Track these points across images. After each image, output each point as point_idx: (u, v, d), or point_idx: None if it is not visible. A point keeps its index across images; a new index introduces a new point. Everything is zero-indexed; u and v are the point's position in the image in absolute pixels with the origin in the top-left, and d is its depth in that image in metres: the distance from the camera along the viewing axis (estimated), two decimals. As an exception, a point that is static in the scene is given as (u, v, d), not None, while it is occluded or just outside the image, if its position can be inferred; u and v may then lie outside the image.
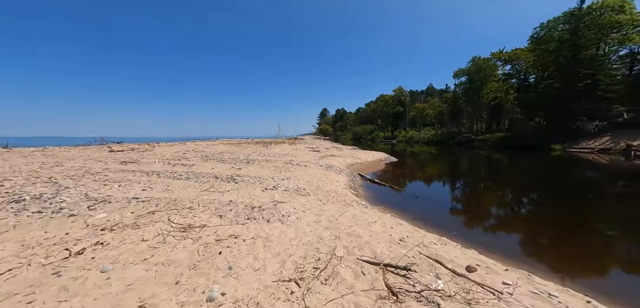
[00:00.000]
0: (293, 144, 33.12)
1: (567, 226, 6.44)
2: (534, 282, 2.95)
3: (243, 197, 5.81)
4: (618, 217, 7.19)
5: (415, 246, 3.50)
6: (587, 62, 25.95)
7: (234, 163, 11.93)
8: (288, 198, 6.38)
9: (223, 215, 4.27)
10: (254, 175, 9.22)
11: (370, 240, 3.65)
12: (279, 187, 7.77)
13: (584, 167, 15.78)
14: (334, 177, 11.28)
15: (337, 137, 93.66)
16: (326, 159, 17.82)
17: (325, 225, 4.34)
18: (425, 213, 7.18)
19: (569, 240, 5.36)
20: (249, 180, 8.01)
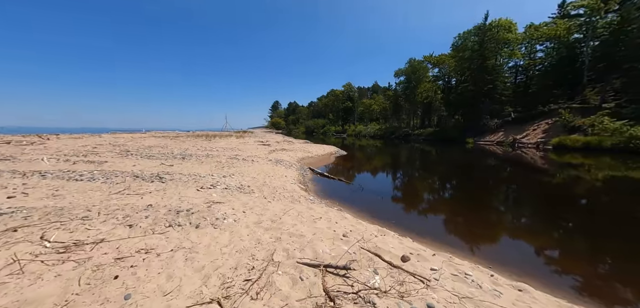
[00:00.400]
0: (241, 137, 30.99)
1: (473, 206, 7.67)
2: (454, 263, 3.20)
3: (169, 199, 4.88)
4: (505, 195, 9.29)
5: (357, 241, 3.43)
6: (489, 70, 31.86)
7: (165, 160, 10.24)
8: (228, 198, 5.68)
9: (134, 224, 3.41)
10: (188, 172, 8.03)
11: (313, 239, 3.42)
12: (218, 185, 6.92)
13: (486, 156, 19.30)
14: (283, 171, 10.84)
15: (289, 130, 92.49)
16: (276, 153, 17.15)
17: (266, 225, 3.93)
18: (369, 204, 7.47)
19: (476, 217, 6.38)
20: (181, 179, 6.89)
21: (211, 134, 36.71)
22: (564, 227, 6.14)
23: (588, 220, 6.65)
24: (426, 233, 5.19)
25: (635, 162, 13.62)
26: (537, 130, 24.43)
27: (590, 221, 6.55)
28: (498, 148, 24.33)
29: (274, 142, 26.35)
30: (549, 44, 33.14)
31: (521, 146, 23.70)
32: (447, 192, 10.13)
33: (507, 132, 27.20)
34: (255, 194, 6.63)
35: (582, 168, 13.56)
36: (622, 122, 17.39)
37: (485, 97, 30.90)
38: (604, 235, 5.48)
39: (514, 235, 5.61)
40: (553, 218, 6.67)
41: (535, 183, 11.15)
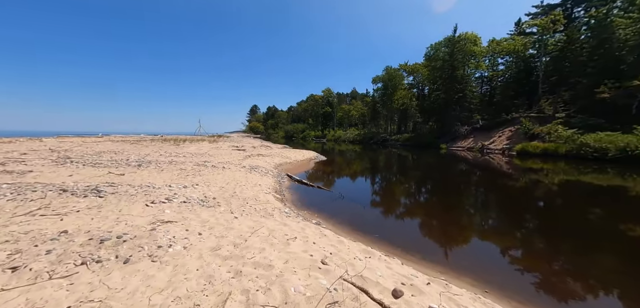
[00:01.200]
0: (214, 142, 29.09)
1: (455, 216, 7.54)
2: (452, 294, 2.72)
3: (102, 220, 3.84)
4: (475, 198, 9.71)
5: (339, 270, 2.80)
6: (459, 79, 33.83)
7: (114, 167, 8.80)
8: (185, 215, 4.74)
9: (23, 264, 2.41)
10: (140, 183, 6.84)
11: (284, 271, 2.72)
12: (175, 197, 5.89)
13: (458, 161, 20.07)
14: (257, 179, 9.94)
15: (268, 135, 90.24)
16: (251, 159, 16.08)
17: (226, 252, 3.14)
18: (350, 215, 6.92)
19: (460, 227, 6.24)
20: (128, 192, 5.74)
21: (181, 138, 34.09)
22: (549, 240, 6.11)
23: (553, 222, 6.78)
24: (413, 249, 4.74)
25: (586, 167, 14.89)
26: (502, 136, 26.18)
27: (556, 224, 6.68)
28: (469, 153, 25.59)
29: (250, 147, 25.03)
30: (508, 58, 36.16)
31: (489, 152, 25.15)
32: (427, 199, 9.99)
33: (476, 139, 28.81)
34: (220, 208, 5.72)
35: (541, 172, 14.47)
36: (573, 130, 19.15)
37: (456, 105, 32.61)
38: (568, 235, 5.53)
39: (502, 245, 5.40)
40: (532, 227, 6.69)
41: (504, 188, 11.55)
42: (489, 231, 6.41)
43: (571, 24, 29.39)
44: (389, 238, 5.23)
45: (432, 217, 7.49)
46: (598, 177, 12.78)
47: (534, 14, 36.76)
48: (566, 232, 6.20)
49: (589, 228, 6.42)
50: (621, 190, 10.67)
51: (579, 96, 23.51)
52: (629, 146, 13.85)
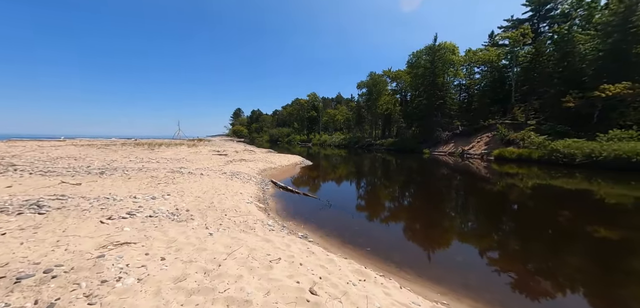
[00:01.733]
0: (194, 146, 27.55)
1: (438, 217, 7.35)
2: None
3: (33, 246, 3.08)
4: (461, 206, 9.82)
5: (331, 299, 2.34)
6: (440, 86, 35.10)
7: (71, 176, 7.71)
8: (148, 233, 4.05)
9: None
10: (99, 194, 5.95)
11: (264, 306, 2.21)
12: (140, 211, 5.13)
13: (442, 166, 20.54)
14: (239, 187, 9.24)
15: (252, 139, 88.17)
16: (233, 165, 15.22)
17: (193, 284, 2.57)
18: (339, 226, 6.50)
19: (444, 231, 6.29)
20: (81, 205, 4.90)
21: (157, 142, 31.95)
22: (548, 252, 6.07)
23: (539, 231, 6.84)
24: (407, 264, 4.39)
25: (557, 172, 15.73)
26: (481, 142, 27.31)
27: (530, 225, 6.74)
28: (450, 158, 26.37)
29: (233, 152, 23.93)
30: (484, 68, 38.19)
31: (469, 157, 26.08)
32: (415, 207, 9.86)
33: (456, 144, 29.83)
34: (193, 222, 5.05)
35: (516, 177, 15.06)
36: (544, 137, 20.34)
37: (437, 111, 33.67)
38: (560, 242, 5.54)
39: (495, 256, 5.23)
40: (521, 236, 6.68)
41: (487, 193, 11.79)
42: (479, 241, 6.27)
43: (538, 38, 31.65)
44: (381, 252, 4.87)
45: (421, 225, 7.30)
46: (568, 182, 13.47)
47: (506, 27, 39.31)
48: (559, 240, 6.22)
49: (570, 235, 6.52)
50: (587, 193, 11.24)
51: (547, 105, 25.17)
52: (594, 152, 14.88)
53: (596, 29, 23.66)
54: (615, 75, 18.83)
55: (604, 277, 4.26)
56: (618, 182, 12.80)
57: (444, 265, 4.50)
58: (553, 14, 34.57)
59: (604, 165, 14.29)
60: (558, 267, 4.55)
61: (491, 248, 5.56)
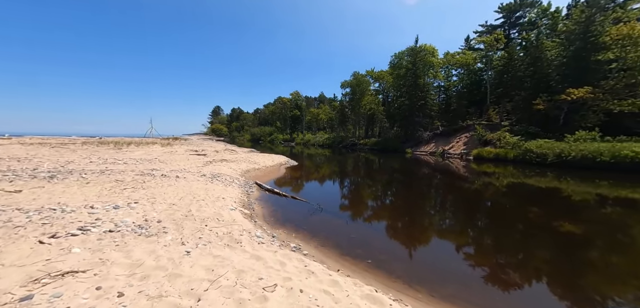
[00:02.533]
0: (168, 145, 25.50)
1: (434, 220, 7.19)
2: None
3: None
4: (437, 200, 10.25)
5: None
6: (421, 87, 36.10)
7: (9, 181, 6.39)
8: (105, 254, 3.22)
9: None
10: (43, 204, 4.88)
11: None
12: (97, 225, 4.21)
13: (424, 166, 20.91)
14: (220, 191, 8.37)
15: (232, 138, 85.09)
16: (214, 166, 14.11)
17: (164, 332, 1.88)
18: (333, 234, 5.97)
19: (444, 235, 6.35)
20: (14, 220, 3.88)
21: (126, 140, 29.19)
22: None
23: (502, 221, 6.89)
24: (415, 277, 3.97)
25: (531, 171, 16.56)
26: (460, 142, 28.40)
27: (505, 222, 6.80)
28: (431, 158, 27.07)
29: (213, 152, 22.49)
30: (461, 70, 39.96)
31: (449, 156, 26.96)
32: (407, 207, 9.62)
33: (437, 144, 30.76)
34: (167, 236, 4.23)
35: (493, 176, 15.62)
36: (517, 137, 21.54)
37: (418, 111, 34.53)
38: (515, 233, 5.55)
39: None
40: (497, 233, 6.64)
41: (464, 190, 11.99)
42: (480, 248, 6.11)
43: (509, 44, 33.70)
44: (383, 264, 4.42)
45: (417, 230, 7.00)
46: (539, 180, 14.10)
47: (480, 32, 41.44)
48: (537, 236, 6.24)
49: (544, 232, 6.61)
50: (556, 191, 11.77)
51: (519, 107, 26.78)
52: (563, 152, 15.93)
53: (560, 37, 25.59)
54: (578, 81, 20.41)
55: (566, 267, 4.65)
56: (584, 180, 13.65)
57: (453, 278, 4.15)
58: (522, 21, 37.03)
59: (572, 164, 15.33)
60: (527, 262, 4.87)
61: (492, 256, 5.36)
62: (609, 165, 13.65)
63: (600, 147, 14.52)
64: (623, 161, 13.01)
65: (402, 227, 7.10)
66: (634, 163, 12.64)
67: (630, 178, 12.50)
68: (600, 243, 5.88)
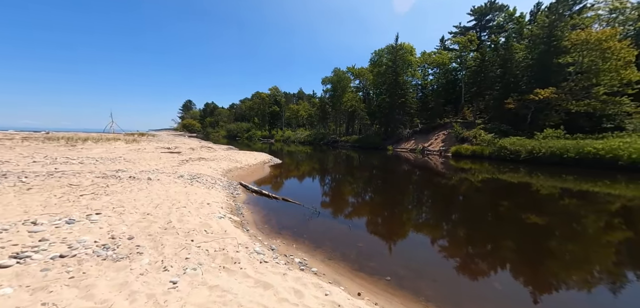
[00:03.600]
0: (134, 141, 22.84)
1: (432, 217, 6.99)
2: None
3: None
4: (415, 195, 10.48)
5: None
6: (401, 85, 36.94)
7: None
8: (49, 296, 2.29)
9: None
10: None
11: None
12: (41, 249, 3.16)
13: (407, 163, 21.26)
14: (203, 195, 7.34)
15: (206, 134, 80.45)
16: (191, 165, 12.73)
17: None
18: (339, 242, 5.37)
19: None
20: None
21: (82, 136, 25.62)
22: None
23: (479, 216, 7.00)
24: (451, 301, 3.52)
25: (505, 167, 17.52)
26: (438, 139, 29.52)
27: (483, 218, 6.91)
28: (411, 154, 27.75)
29: (188, 149, 20.59)
30: (437, 70, 41.65)
31: (428, 153, 27.87)
32: (408, 207, 9.36)
33: (417, 141, 31.69)
34: (143, 259, 3.31)
35: (469, 172, 16.27)
36: (491, 135, 22.84)
37: (399, 109, 35.27)
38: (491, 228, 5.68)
39: (417, 230, 4.82)
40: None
41: (441, 186, 12.22)
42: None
43: (481, 46, 35.77)
44: (405, 281, 3.89)
45: (424, 231, 6.72)
46: (513, 176, 14.83)
47: (455, 33, 43.48)
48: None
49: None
50: (527, 186, 12.44)
51: (491, 106, 28.51)
52: (535, 149, 17.13)
53: (526, 40, 27.63)
54: (543, 82, 22.14)
55: (530, 255, 5.13)
56: (553, 175, 14.66)
57: (484, 297, 3.77)
58: (491, 24, 39.53)
59: (543, 160, 16.53)
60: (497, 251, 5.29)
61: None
62: (574, 161, 14.90)
63: (566, 144, 15.81)
64: (586, 157, 14.28)
65: (407, 230, 6.72)
66: (595, 159, 13.95)
67: (593, 173, 13.70)
68: (559, 233, 6.33)
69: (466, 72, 34.22)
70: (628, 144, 13.32)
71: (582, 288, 4.04)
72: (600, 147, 14.07)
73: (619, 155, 13.20)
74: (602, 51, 19.01)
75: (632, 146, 12.99)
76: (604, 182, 12.33)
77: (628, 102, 19.16)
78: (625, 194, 10.25)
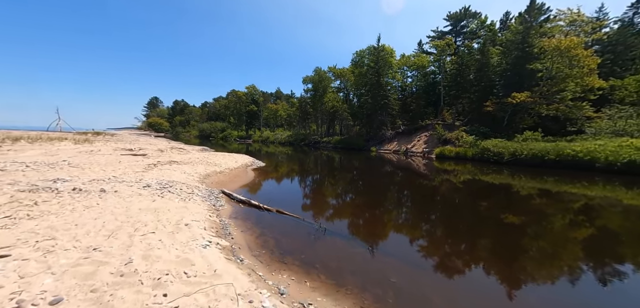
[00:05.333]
0: (86, 141, 19.30)
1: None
2: None
3: None
4: (396, 196, 10.39)
5: None
6: (383, 86, 37.12)
7: None
8: None
9: None
10: None
11: None
12: None
13: (391, 164, 20.90)
14: (179, 210, 5.68)
15: (176, 134, 74.37)
16: (160, 170, 10.66)
17: None
18: (364, 276, 4.16)
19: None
20: None
21: (14, 134, 21.07)
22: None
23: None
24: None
25: (488, 168, 17.84)
26: (420, 141, 29.91)
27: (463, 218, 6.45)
28: (394, 156, 27.68)
29: (155, 151, 17.87)
30: (416, 72, 42.75)
31: (412, 154, 28.02)
32: (433, 219, 8.52)
33: (399, 142, 31.86)
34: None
35: (452, 173, 16.27)
36: (473, 136, 23.52)
37: (382, 110, 35.30)
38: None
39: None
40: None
41: (423, 187, 11.83)
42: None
43: (457, 50, 37.35)
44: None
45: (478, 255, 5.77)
46: (496, 177, 14.87)
47: (432, 37, 45.04)
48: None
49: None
50: (508, 187, 12.57)
51: (470, 108, 29.63)
52: (517, 151, 17.75)
53: (501, 46, 29.21)
54: (518, 86, 23.36)
55: (505, 253, 5.39)
56: (534, 177, 15.02)
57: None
58: (465, 30, 41.59)
59: (525, 162, 17.13)
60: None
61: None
62: (554, 163, 15.57)
63: (546, 146, 16.53)
64: (565, 159, 14.99)
65: (451, 253, 5.64)
66: (574, 160, 14.68)
67: (572, 174, 14.29)
68: (532, 231, 6.56)
69: (445, 75, 35.39)
70: (603, 147, 14.15)
71: (552, 281, 4.33)
72: (579, 149, 14.81)
73: (596, 157, 13.96)
74: (570, 58, 20.45)
75: (608, 148, 13.81)
76: (582, 183, 12.73)
77: (588, 107, 20.86)
78: (602, 194, 10.66)
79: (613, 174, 13.43)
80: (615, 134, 17.49)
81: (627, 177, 12.79)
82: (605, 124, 19.11)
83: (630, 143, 13.73)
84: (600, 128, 18.92)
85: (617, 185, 11.85)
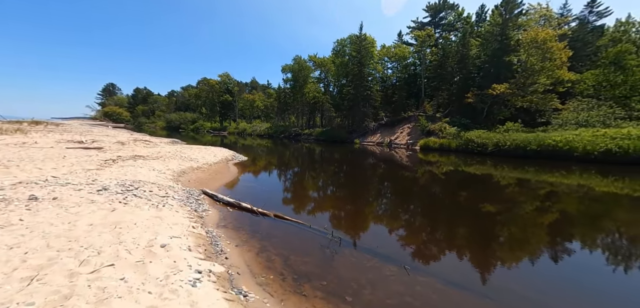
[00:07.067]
0: (20, 131, 15.63)
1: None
2: None
3: None
4: (402, 196, 9.87)
5: None
6: (366, 77, 36.64)
7: None
8: None
9: None
10: None
11: None
12: None
13: (372, 156, 20.54)
14: (149, 222, 4.15)
15: (139, 125, 67.29)
16: (122, 166, 8.62)
17: None
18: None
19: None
20: None
21: None
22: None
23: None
24: None
25: (472, 159, 18.14)
26: (403, 132, 30.06)
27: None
28: (377, 148, 27.46)
29: (114, 144, 15.07)
30: (396, 64, 42.92)
31: (395, 146, 28.02)
32: (468, 223, 7.79)
33: (383, 134, 31.74)
34: None
35: (435, 165, 16.27)
36: (455, 127, 24.01)
37: (364, 101, 34.83)
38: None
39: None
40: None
41: (408, 179, 11.50)
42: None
43: (437, 42, 37.98)
44: None
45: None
46: (479, 168, 14.95)
47: (412, 28, 45.42)
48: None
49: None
50: (489, 177, 12.77)
51: (450, 100, 30.36)
52: (500, 142, 18.34)
53: (479, 38, 30.11)
54: (496, 78, 24.22)
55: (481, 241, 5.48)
56: (516, 167, 15.38)
57: None
58: (443, 23, 42.52)
59: (508, 152, 17.73)
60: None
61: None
62: (535, 153, 16.26)
63: (528, 137, 17.23)
64: (546, 149, 15.71)
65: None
66: (555, 151, 15.44)
67: (551, 164, 14.90)
68: (506, 219, 6.88)
69: (426, 66, 35.83)
70: (580, 137, 15.01)
71: (523, 263, 4.61)
72: (558, 139, 15.55)
73: (574, 147, 14.74)
74: (544, 51, 21.52)
75: (585, 139, 14.65)
76: (560, 172, 13.18)
77: (556, 100, 22.31)
78: (578, 182, 11.08)
79: (590, 163, 14.19)
80: (578, 124, 18.83)
81: (603, 166, 13.52)
82: (570, 115, 20.57)
83: (604, 133, 14.63)
84: (566, 119, 20.30)
85: (593, 174, 12.34)
